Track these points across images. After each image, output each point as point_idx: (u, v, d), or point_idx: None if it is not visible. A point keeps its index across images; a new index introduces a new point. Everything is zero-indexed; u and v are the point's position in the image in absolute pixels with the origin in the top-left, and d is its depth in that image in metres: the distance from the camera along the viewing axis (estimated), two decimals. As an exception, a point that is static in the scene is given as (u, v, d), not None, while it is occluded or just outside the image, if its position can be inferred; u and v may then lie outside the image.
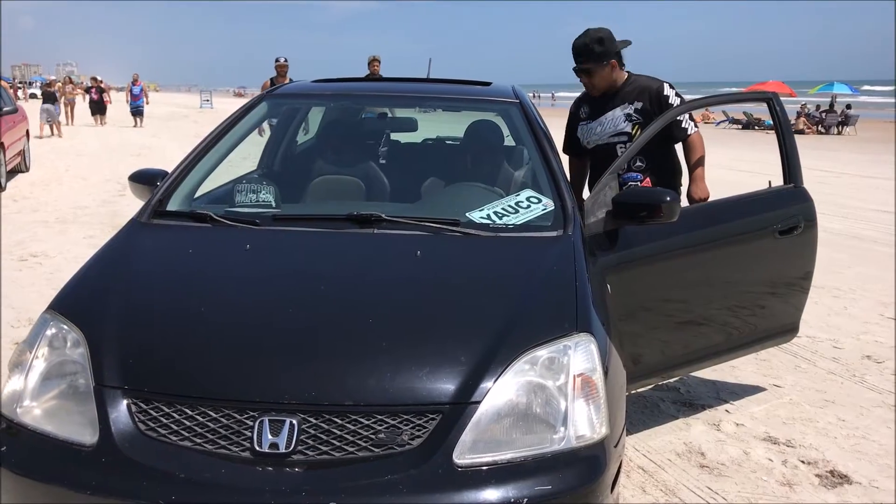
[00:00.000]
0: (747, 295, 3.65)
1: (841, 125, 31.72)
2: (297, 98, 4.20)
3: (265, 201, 3.09)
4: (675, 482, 3.31)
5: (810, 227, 3.67)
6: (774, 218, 3.59)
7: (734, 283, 3.59)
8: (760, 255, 3.61)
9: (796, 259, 3.71)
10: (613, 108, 4.03)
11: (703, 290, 3.53)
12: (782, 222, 3.58)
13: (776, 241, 3.58)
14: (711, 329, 3.58)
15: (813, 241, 3.72)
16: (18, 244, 7.69)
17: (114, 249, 2.76)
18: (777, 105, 3.83)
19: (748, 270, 3.61)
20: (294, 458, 1.97)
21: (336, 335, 2.24)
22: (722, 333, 3.62)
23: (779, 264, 3.68)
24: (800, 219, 3.62)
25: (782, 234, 3.58)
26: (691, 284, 3.49)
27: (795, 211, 3.64)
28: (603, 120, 4.05)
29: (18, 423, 2.13)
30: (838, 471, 3.44)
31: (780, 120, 3.79)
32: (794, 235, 3.61)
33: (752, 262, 3.60)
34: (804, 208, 3.66)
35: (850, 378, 4.61)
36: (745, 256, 3.58)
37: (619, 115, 4.01)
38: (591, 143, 4.15)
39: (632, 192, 3.21)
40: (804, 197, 3.69)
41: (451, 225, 2.82)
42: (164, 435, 2.03)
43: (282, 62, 11.11)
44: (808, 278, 3.78)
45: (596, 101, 4.13)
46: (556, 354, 2.20)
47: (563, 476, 2.03)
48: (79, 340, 2.22)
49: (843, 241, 8.75)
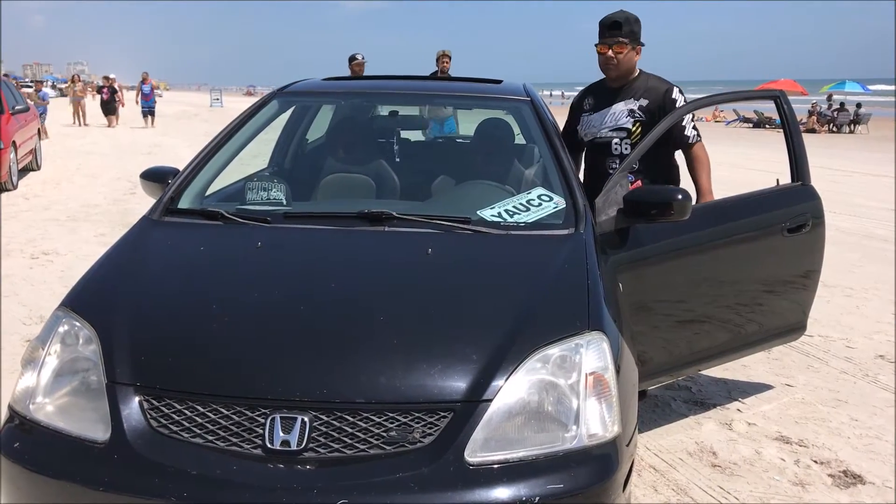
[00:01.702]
0: (755, 293, 3.63)
1: (853, 124, 31.56)
2: (308, 96, 4.20)
3: (276, 199, 3.09)
4: (687, 481, 3.30)
5: (818, 225, 3.66)
6: (783, 216, 3.58)
7: (742, 282, 3.58)
8: (769, 254, 3.60)
9: (804, 257, 3.70)
10: (617, 103, 3.88)
11: (711, 289, 3.51)
12: (791, 220, 3.57)
13: (785, 239, 3.57)
14: (719, 327, 3.57)
15: (821, 240, 3.70)
16: (30, 242, 7.73)
17: (126, 247, 2.77)
18: (784, 103, 3.81)
19: (757, 269, 3.60)
20: (305, 455, 1.97)
21: (347, 333, 2.24)
22: (730, 332, 3.60)
23: (787, 262, 3.67)
24: (808, 217, 3.61)
25: (791, 232, 3.57)
26: (700, 283, 3.47)
27: (804, 209, 3.62)
28: (605, 113, 3.91)
29: (31, 420, 2.14)
30: (851, 471, 3.42)
31: (788, 118, 3.77)
32: (802, 234, 3.59)
33: (761, 260, 3.59)
34: (812, 206, 3.65)
35: (862, 377, 4.58)
36: (754, 255, 3.56)
37: (622, 109, 3.85)
38: (588, 136, 3.98)
39: (643, 190, 3.19)
40: (812, 195, 3.68)
41: (461, 223, 2.82)
42: (176, 432, 2.03)
43: (359, 60, 9.65)
44: (815, 276, 3.77)
45: (603, 94, 3.98)
46: (568, 353, 2.19)
47: (576, 475, 2.02)
48: (91, 337, 2.23)
49: (856, 240, 8.69)
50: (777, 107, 3.82)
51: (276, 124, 3.99)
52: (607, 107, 3.91)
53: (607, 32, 3.81)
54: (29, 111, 13.02)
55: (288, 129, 4.53)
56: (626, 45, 3.78)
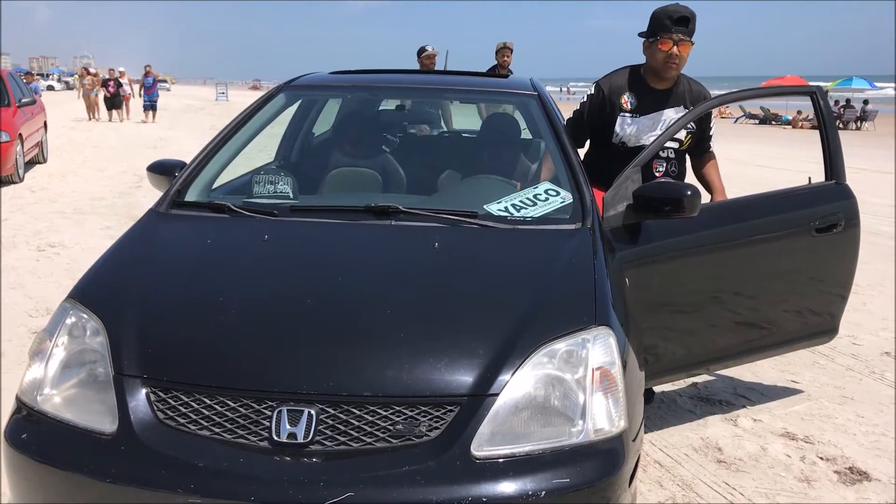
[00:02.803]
0: (779, 292, 3.52)
1: (859, 120, 31.44)
2: (315, 90, 4.20)
3: (283, 192, 3.09)
4: (692, 477, 3.30)
5: (852, 225, 3.53)
6: (811, 215, 3.46)
7: (762, 281, 3.48)
8: (794, 253, 3.49)
9: (834, 258, 3.58)
10: (668, 108, 3.62)
11: (729, 287, 3.44)
12: (820, 220, 3.46)
13: (813, 239, 3.45)
14: (739, 327, 3.49)
15: (854, 241, 3.58)
16: (36, 234, 7.75)
17: (133, 239, 2.77)
18: (821, 99, 3.66)
19: (779, 267, 3.49)
20: (312, 448, 1.98)
21: (354, 326, 2.24)
22: (746, 332, 3.52)
23: (815, 263, 3.56)
24: (840, 216, 3.48)
25: (819, 231, 3.45)
26: (719, 280, 3.40)
27: (836, 208, 3.49)
28: (656, 118, 3.60)
29: (38, 411, 2.14)
30: (857, 467, 3.41)
31: (824, 114, 3.62)
32: (832, 234, 3.48)
33: (785, 259, 3.49)
34: (846, 206, 3.52)
35: (869, 374, 4.57)
36: (777, 254, 3.46)
37: (673, 117, 3.55)
38: (630, 140, 3.62)
39: (653, 186, 3.14)
40: (846, 194, 3.55)
41: (468, 217, 2.81)
42: (183, 424, 2.03)
43: (430, 52, 8.21)
44: (847, 278, 3.64)
45: (647, 94, 3.63)
46: (575, 348, 2.19)
47: (582, 469, 2.02)
48: (98, 329, 2.23)
49: (862, 237, 8.64)
50: (813, 103, 3.68)
51: (282, 119, 3.99)
52: (657, 111, 3.63)
53: (673, 27, 3.47)
54: (35, 104, 13.04)
55: (294, 122, 4.53)
56: (691, 44, 3.51)
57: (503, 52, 8.12)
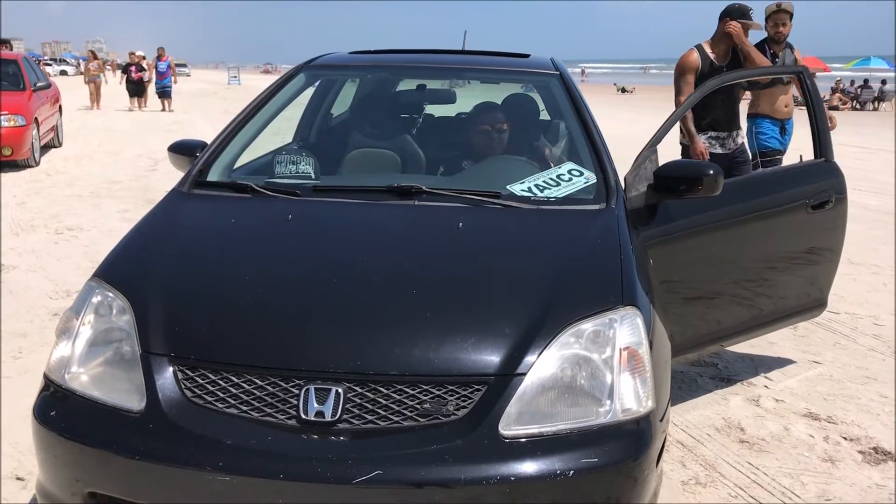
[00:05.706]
0: (780, 269, 3.62)
1: (877, 101, 31.11)
2: (335, 69, 4.18)
3: (304, 172, 3.08)
4: (715, 457, 3.28)
5: (841, 201, 3.66)
6: (807, 192, 3.56)
7: (766, 258, 3.56)
8: (793, 230, 3.59)
9: (827, 233, 3.70)
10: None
11: (735, 265, 3.49)
12: (814, 197, 3.56)
13: (809, 216, 3.56)
14: (742, 304, 3.55)
15: (843, 216, 3.70)
16: (54, 217, 7.78)
17: (156, 219, 2.77)
18: (808, 79, 3.84)
19: (781, 245, 3.59)
20: (340, 426, 1.97)
21: (381, 305, 2.23)
22: (753, 308, 3.59)
23: (810, 238, 3.67)
24: (831, 193, 3.60)
25: (815, 208, 3.56)
26: (724, 259, 3.45)
27: (827, 185, 3.61)
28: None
29: (66, 389, 2.15)
30: (882, 447, 3.39)
31: (811, 94, 3.80)
32: (825, 210, 3.59)
33: (785, 236, 3.58)
34: (835, 183, 3.64)
35: (891, 355, 4.53)
36: (779, 231, 3.55)
37: None
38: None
39: (673, 165, 3.15)
40: (835, 171, 3.68)
41: (491, 197, 2.79)
42: (211, 402, 2.03)
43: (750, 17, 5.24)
44: (837, 253, 3.76)
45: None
46: (602, 328, 2.18)
47: (609, 449, 2.01)
48: (124, 308, 2.23)
49: (880, 217, 8.58)
50: (800, 82, 3.87)
51: (301, 100, 3.96)
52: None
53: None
54: (51, 88, 13.06)
55: (313, 103, 4.50)
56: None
57: (776, 17, 5.39)
